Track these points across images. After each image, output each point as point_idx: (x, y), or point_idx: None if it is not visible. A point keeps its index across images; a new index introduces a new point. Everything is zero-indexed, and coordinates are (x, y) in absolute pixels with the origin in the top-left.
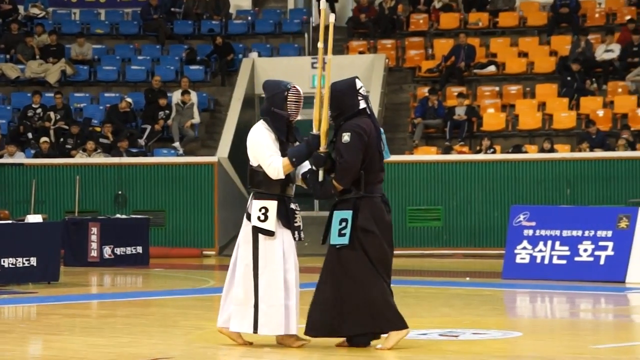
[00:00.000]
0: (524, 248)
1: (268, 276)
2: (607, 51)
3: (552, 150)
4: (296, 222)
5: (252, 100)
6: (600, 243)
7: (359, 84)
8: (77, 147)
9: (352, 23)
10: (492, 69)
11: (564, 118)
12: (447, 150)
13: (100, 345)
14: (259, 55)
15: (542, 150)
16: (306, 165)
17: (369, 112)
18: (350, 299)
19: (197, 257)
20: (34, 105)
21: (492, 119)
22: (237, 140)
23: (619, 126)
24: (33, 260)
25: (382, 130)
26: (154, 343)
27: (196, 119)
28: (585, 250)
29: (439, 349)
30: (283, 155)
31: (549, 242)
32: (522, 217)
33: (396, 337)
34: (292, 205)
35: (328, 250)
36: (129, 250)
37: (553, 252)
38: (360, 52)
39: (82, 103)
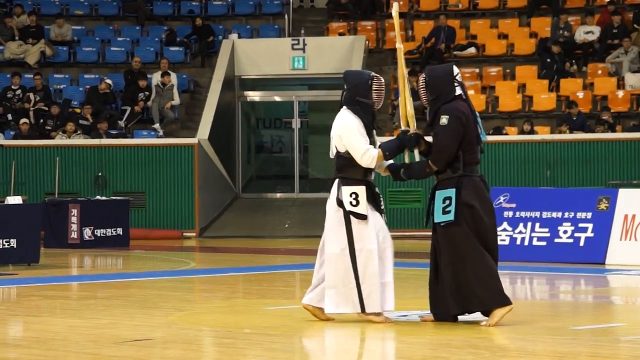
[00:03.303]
0: (504, 230)
1: (365, 257)
2: (587, 33)
3: (532, 132)
4: (382, 205)
5: (232, 82)
6: (580, 225)
7: (455, 70)
8: (57, 128)
9: (332, 4)
10: (472, 50)
11: (544, 100)
12: (428, 132)
13: (80, 326)
14: (239, 37)
15: (522, 132)
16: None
17: (464, 97)
18: (460, 277)
19: (177, 238)
20: (13, 87)
21: (473, 100)
22: (217, 122)
23: (599, 108)
24: (13, 242)
25: (477, 113)
26: (135, 325)
27: (176, 100)
28: (565, 231)
29: (420, 330)
30: (370, 142)
31: (529, 224)
32: (502, 198)
33: (500, 314)
34: (377, 189)
35: (434, 230)
36: (109, 231)
37: (533, 234)
38: (340, 34)
39: (62, 84)
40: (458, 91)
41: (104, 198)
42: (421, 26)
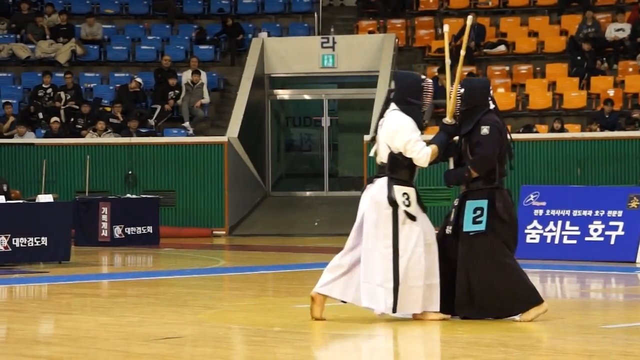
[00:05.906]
0: (534, 228)
1: (409, 258)
2: (618, 30)
3: (562, 130)
4: (426, 208)
5: (261, 80)
6: (611, 223)
7: (490, 86)
8: (88, 127)
9: (362, 2)
10: (502, 48)
11: (574, 98)
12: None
13: (110, 324)
14: (269, 35)
15: (552, 130)
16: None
17: (496, 112)
18: (496, 284)
19: (207, 236)
20: (44, 85)
21: (503, 98)
22: (247, 120)
23: (630, 106)
24: (44, 240)
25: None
26: (165, 322)
27: (206, 98)
28: (596, 230)
29: (445, 327)
30: None
31: (559, 222)
32: (532, 197)
33: (535, 312)
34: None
35: (459, 238)
36: (140, 230)
37: (563, 232)
38: (370, 32)
39: (92, 83)
40: (492, 105)
41: (134, 196)
42: (451, 24)
